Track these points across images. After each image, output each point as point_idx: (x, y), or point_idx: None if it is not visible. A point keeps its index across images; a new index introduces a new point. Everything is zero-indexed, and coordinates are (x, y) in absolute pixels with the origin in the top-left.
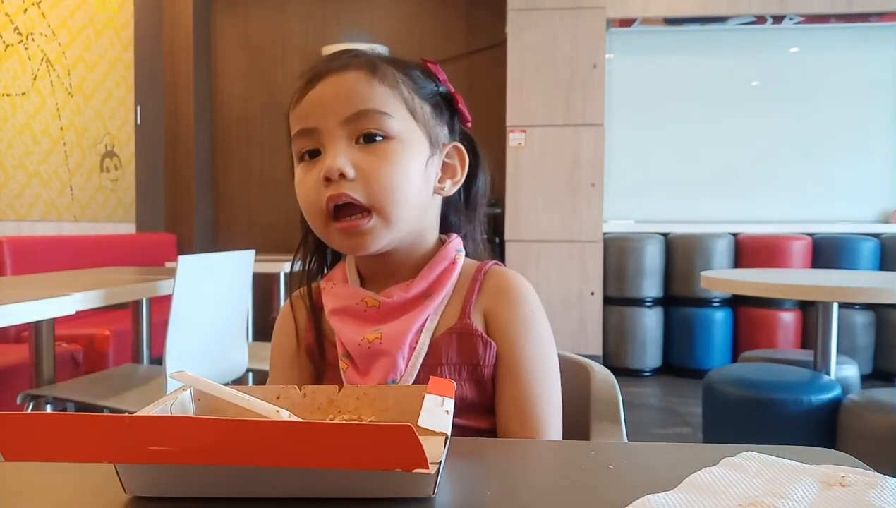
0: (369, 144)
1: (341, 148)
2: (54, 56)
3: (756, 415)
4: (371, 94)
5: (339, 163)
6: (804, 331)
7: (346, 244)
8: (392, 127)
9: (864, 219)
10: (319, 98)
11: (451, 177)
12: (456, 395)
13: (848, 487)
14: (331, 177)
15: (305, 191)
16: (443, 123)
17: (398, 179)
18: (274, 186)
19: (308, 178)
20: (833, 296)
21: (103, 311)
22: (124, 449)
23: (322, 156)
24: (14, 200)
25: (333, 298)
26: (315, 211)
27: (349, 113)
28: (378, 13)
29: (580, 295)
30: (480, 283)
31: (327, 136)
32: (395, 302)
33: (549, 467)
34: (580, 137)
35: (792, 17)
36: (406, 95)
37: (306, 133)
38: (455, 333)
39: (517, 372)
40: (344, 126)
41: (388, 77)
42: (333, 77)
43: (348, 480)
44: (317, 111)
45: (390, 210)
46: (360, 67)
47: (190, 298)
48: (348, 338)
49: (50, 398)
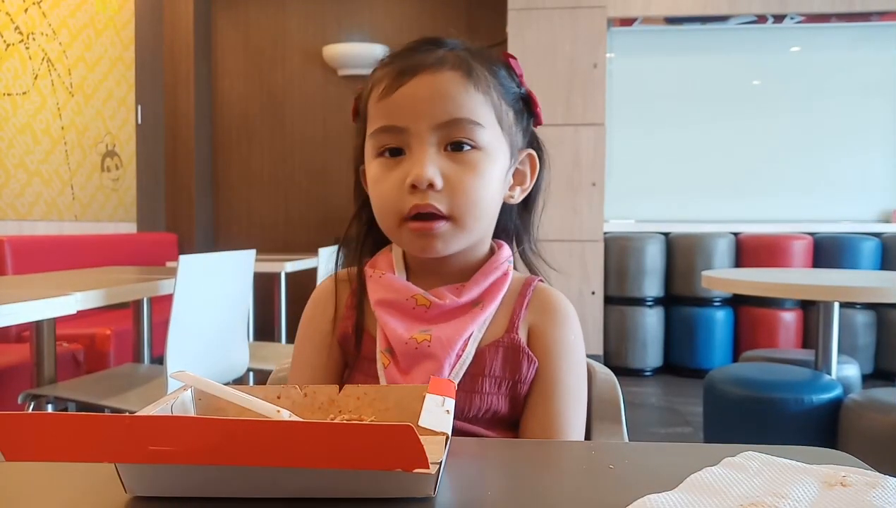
0: (457, 152)
1: (431, 155)
2: (55, 55)
3: (757, 415)
4: (465, 101)
5: (429, 173)
6: (805, 331)
7: (417, 244)
8: (482, 137)
9: (864, 218)
10: (412, 97)
11: (521, 183)
12: (490, 408)
13: (849, 487)
14: (419, 186)
15: (386, 193)
16: (520, 128)
17: (481, 191)
18: (274, 186)
19: (390, 178)
20: (834, 296)
21: (104, 311)
22: (125, 449)
23: (407, 158)
24: (15, 200)
25: (381, 288)
26: (393, 212)
27: (443, 119)
28: (378, 13)
29: (581, 295)
30: (528, 299)
31: (416, 139)
32: (447, 305)
33: (549, 467)
34: (581, 137)
35: (793, 17)
36: (496, 102)
37: (393, 130)
38: (502, 346)
39: (551, 393)
40: (435, 131)
41: (482, 81)
42: (428, 75)
43: (349, 480)
44: (408, 111)
45: (468, 219)
46: (455, 67)
47: (191, 298)
48: (395, 334)
49: (51, 397)
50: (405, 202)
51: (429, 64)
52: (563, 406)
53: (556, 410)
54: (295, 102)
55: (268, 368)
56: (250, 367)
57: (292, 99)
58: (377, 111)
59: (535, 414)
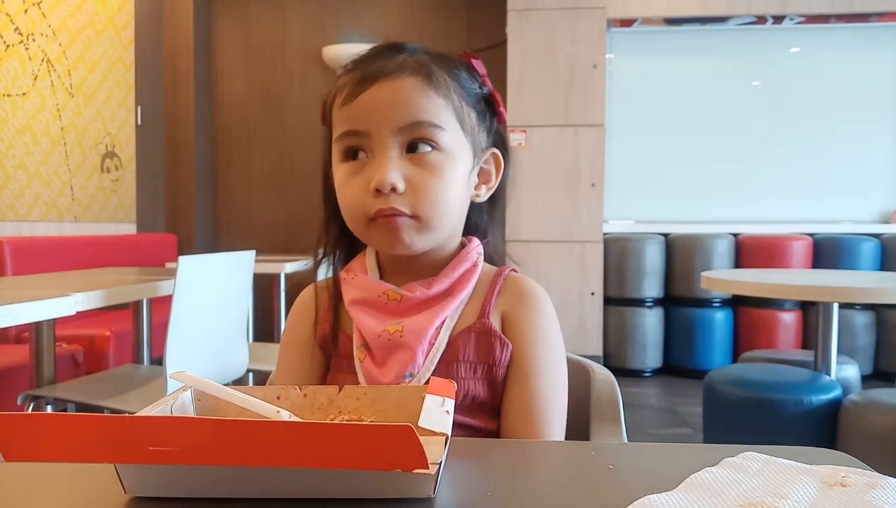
0: (418, 155)
1: (393, 159)
2: (55, 56)
3: (756, 416)
4: (426, 105)
5: (391, 177)
6: (804, 332)
7: (385, 240)
8: (443, 139)
9: (864, 219)
10: (374, 103)
11: (486, 182)
12: (468, 393)
13: (848, 487)
14: (382, 190)
15: (351, 197)
16: (483, 128)
17: (444, 192)
18: (274, 186)
19: (354, 183)
20: (833, 297)
21: (104, 312)
22: (124, 449)
23: (370, 162)
24: (14, 201)
25: (354, 289)
26: (360, 215)
27: (404, 123)
28: (378, 13)
29: (580, 296)
30: (500, 287)
31: (378, 143)
32: (417, 297)
33: (549, 467)
34: (580, 137)
35: (792, 18)
36: (456, 105)
37: (355, 135)
38: (474, 332)
39: (527, 374)
40: (396, 135)
41: (442, 85)
42: (389, 81)
43: (348, 480)
44: (370, 116)
45: (433, 219)
46: (415, 72)
47: (190, 298)
48: (368, 329)
49: (50, 398)
50: (370, 205)
51: (389, 70)
52: (541, 385)
53: (533, 390)
54: (295, 102)
55: (267, 369)
56: (250, 368)
57: (292, 99)
58: (340, 116)
59: (514, 397)
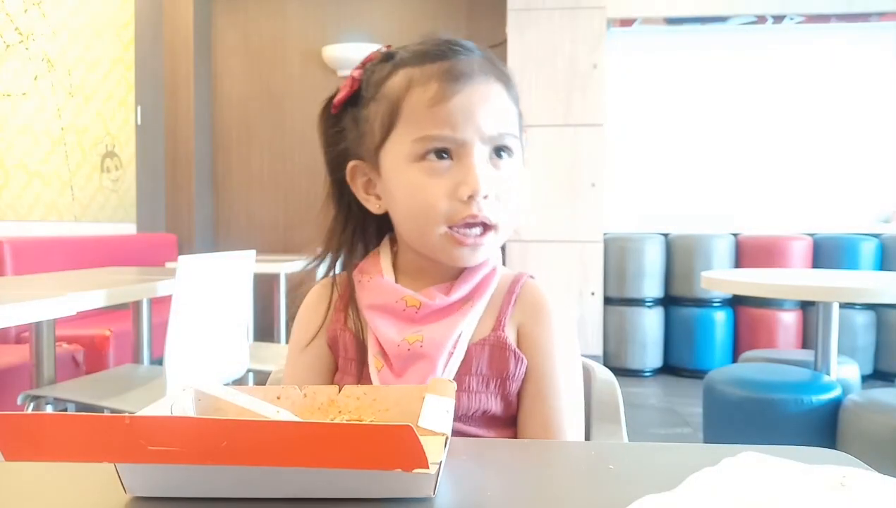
0: (500, 161)
1: (483, 166)
2: (55, 56)
3: (756, 415)
4: (509, 113)
5: (486, 184)
6: (804, 331)
7: (457, 254)
8: (516, 146)
9: (864, 218)
10: (468, 107)
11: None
12: (480, 406)
13: (848, 487)
14: (476, 197)
15: (432, 199)
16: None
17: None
18: (274, 186)
19: (436, 186)
20: (833, 296)
21: (104, 312)
22: (124, 449)
23: (456, 166)
24: (14, 201)
25: (370, 293)
26: (441, 220)
27: (495, 133)
28: (378, 13)
29: (580, 296)
30: (516, 296)
31: (469, 149)
32: (437, 304)
33: (549, 467)
34: (580, 137)
35: (792, 17)
36: (519, 110)
37: (446, 139)
38: (488, 344)
39: (546, 393)
40: (486, 142)
41: (514, 92)
42: (480, 86)
43: (348, 480)
44: (463, 121)
45: (507, 228)
46: (498, 78)
47: (190, 298)
48: (387, 338)
49: (50, 398)
50: (457, 211)
51: (475, 72)
52: (558, 403)
53: (551, 406)
54: (295, 103)
55: (268, 369)
56: (250, 368)
57: (292, 99)
58: (426, 115)
59: (532, 412)
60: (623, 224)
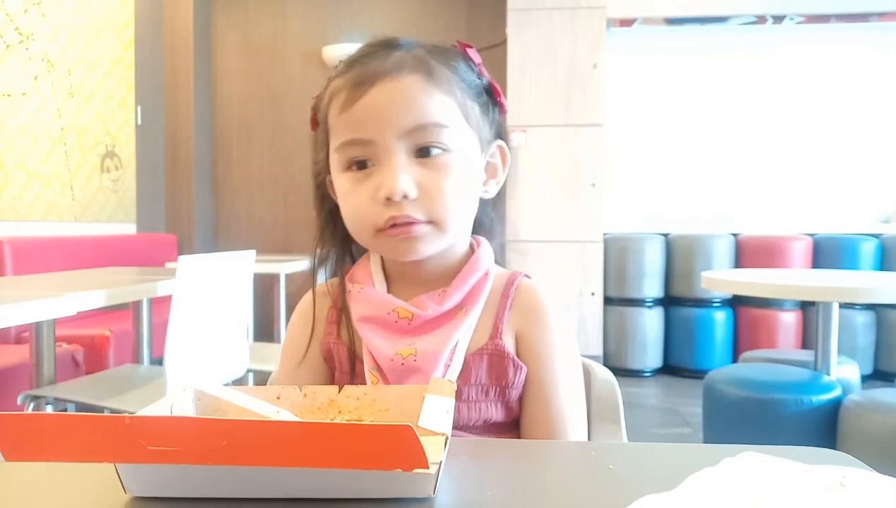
0: (427, 158)
1: (401, 165)
2: (55, 56)
3: (756, 415)
4: (429, 105)
5: (402, 184)
6: (804, 331)
7: (398, 249)
8: (451, 139)
9: (864, 219)
10: (373, 107)
11: (494, 176)
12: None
13: (848, 488)
14: (393, 198)
15: (359, 207)
16: (487, 121)
17: (457, 193)
18: (274, 186)
19: (360, 192)
20: (833, 296)
21: (104, 312)
22: (124, 449)
23: (376, 170)
24: (14, 201)
25: (361, 304)
26: (369, 225)
27: (408, 127)
28: (378, 13)
29: (580, 296)
30: (511, 299)
31: (383, 150)
32: (429, 315)
33: (549, 467)
34: (580, 137)
35: (792, 17)
36: (460, 99)
37: (358, 143)
38: (486, 354)
39: (548, 398)
40: (401, 139)
41: (444, 81)
42: (388, 82)
43: (348, 480)
44: (372, 122)
45: (449, 223)
46: (415, 70)
47: (190, 298)
48: (380, 352)
49: (50, 398)
50: (380, 215)
51: (387, 69)
52: (561, 406)
53: (554, 411)
54: (295, 103)
55: (268, 369)
56: (250, 368)
57: (292, 99)
58: (339, 124)
59: (534, 418)
60: (623, 224)
